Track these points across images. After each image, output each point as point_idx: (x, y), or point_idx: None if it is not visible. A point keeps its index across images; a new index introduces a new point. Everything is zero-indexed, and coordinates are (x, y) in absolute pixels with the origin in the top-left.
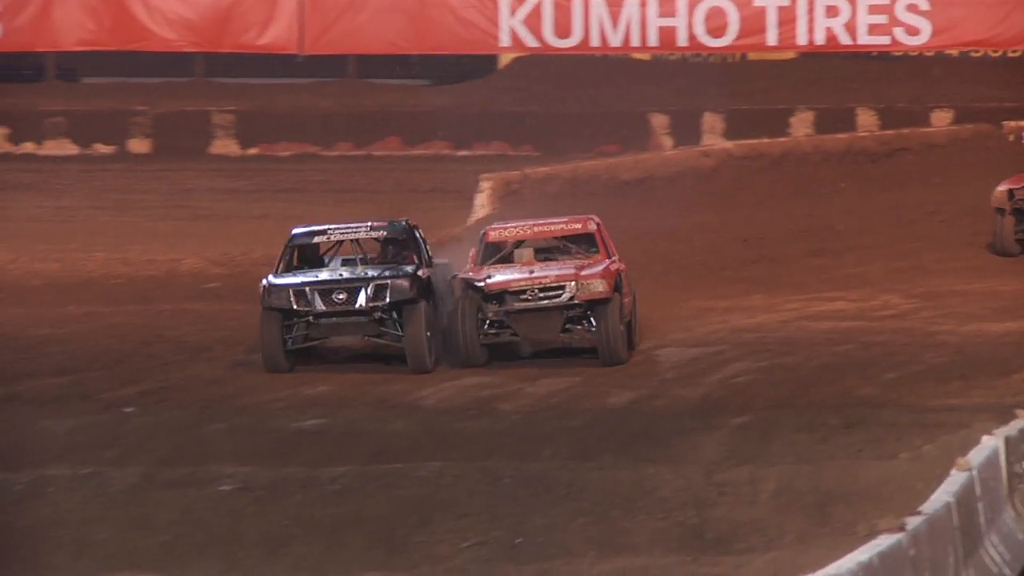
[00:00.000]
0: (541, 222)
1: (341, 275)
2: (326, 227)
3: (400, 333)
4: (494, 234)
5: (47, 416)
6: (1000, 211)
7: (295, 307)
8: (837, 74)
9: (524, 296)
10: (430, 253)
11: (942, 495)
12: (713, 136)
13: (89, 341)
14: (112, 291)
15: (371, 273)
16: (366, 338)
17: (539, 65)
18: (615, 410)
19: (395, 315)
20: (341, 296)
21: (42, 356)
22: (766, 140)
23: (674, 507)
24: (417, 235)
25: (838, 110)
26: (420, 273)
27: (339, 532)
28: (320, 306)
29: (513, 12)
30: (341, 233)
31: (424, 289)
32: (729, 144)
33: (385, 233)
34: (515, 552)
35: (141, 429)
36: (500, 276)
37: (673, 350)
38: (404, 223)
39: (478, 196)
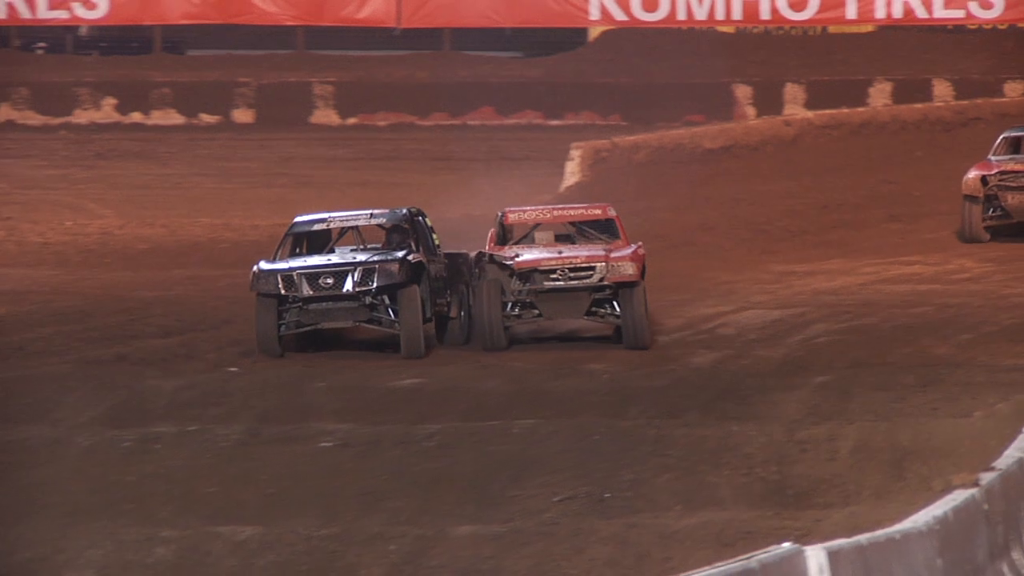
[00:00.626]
0: (560, 207)
1: (329, 260)
2: (327, 215)
3: (394, 318)
4: (513, 216)
5: (154, 376)
6: (971, 198)
7: (283, 292)
8: (913, 47)
9: (554, 276)
10: (438, 241)
11: (1015, 451)
12: (794, 106)
13: (195, 303)
14: (217, 255)
15: (360, 258)
16: (358, 324)
17: (627, 38)
18: (700, 370)
19: (387, 300)
20: (328, 281)
21: (150, 317)
22: (845, 110)
23: (757, 463)
24: (422, 222)
25: (914, 81)
26: (411, 257)
27: (434, 487)
28: (307, 291)
29: None
30: (341, 221)
31: (416, 273)
32: (810, 114)
33: (386, 221)
34: (604, 506)
35: (245, 388)
36: (529, 255)
37: (756, 312)
38: (406, 211)
39: (569, 164)
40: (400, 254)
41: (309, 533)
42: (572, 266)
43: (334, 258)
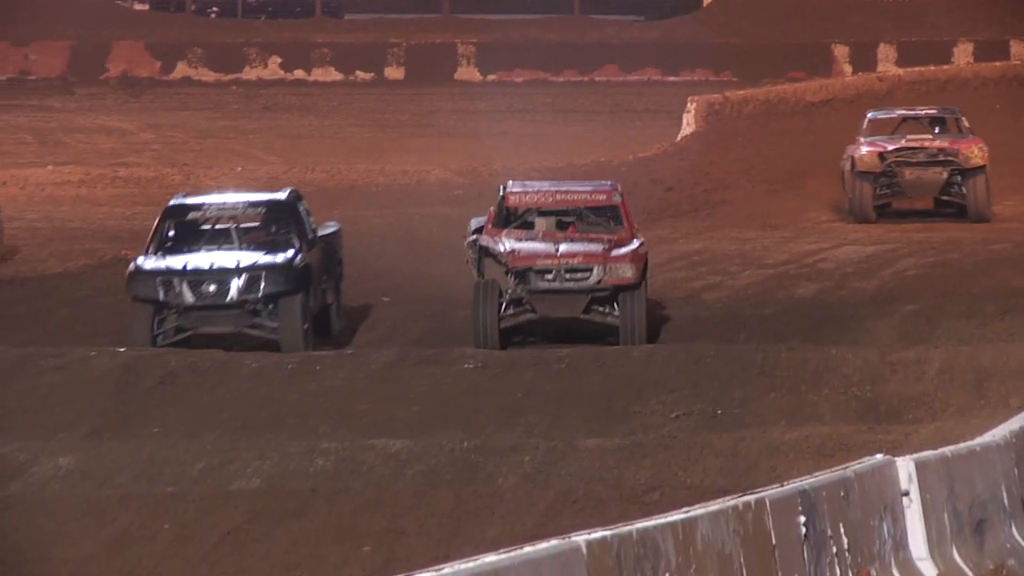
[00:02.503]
0: (564, 189)
1: (212, 265)
2: (203, 202)
3: (275, 324)
4: (514, 198)
5: None
6: (864, 175)
7: (162, 299)
8: (993, 10)
9: (549, 276)
10: (315, 226)
11: None
12: (887, 64)
13: (352, 240)
14: (371, 197)
15: (243, 263)
16: (240, 330)
17: (737, 3)
18: (803, 300)
19: (270, 305)
20: (211, 288)
21: None
22: (932, 67)
23: (853, 383)
24: (300, 209)
25: (994, 42)
26: (297, 261)
27: (564, 404)
28: (189, 298)
29: None
30: (218, 209)
31: (302, 278)
32: (900, 71)
33: (264, 211)
34: (716, 422)
35: (395, 316)
36: (524, 248)
37: (852, 248)
38: (286, 197)
39: (686, 116)
40: (287, 256)
41: (453, 445)
42: (568, 266)
43: (216, 259)
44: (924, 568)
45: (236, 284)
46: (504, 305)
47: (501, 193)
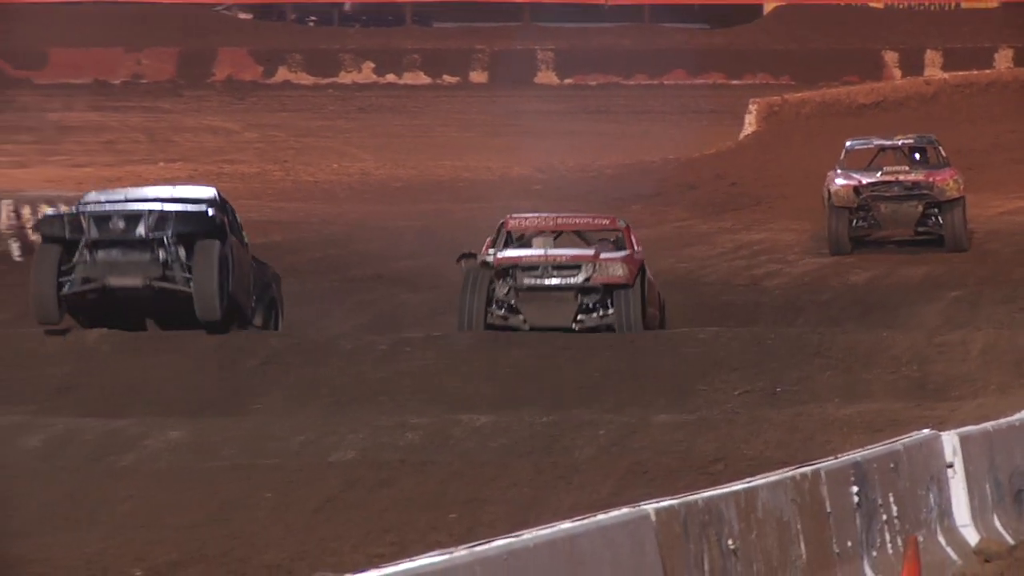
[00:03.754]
0: (565, 215)
1: (122, 202)
2: (114, 202)
3: (188, 275)
4: (514, 223)
5: (405, 291)
6: (840, 209)
7: (68, 236)
8: None
9: (535, 272)
10: (247, 240)
11: None
12: (933, 68)
13: (439, 232)
14: (457, 192)
15: (155, 206)
16: (149, 283)
17: (796, 12)
18: (856, 286)
19: (182, 255)
20: (119, 224)
21: (402, 243)
22: (975, 72)
23: (902, 363)
24: (227, 207)
25: None
26: (212, 213)
27: (637, 381)
28: (95, 233)
29: None
30: (134, 207)
31: (217, 229)
32: (945, 75)
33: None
34: (775, 399)
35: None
36: (512, 251)
37: (900, 239)
38: (208, 204)
39: (747, 116)
40: (202, 207)
41: (533, 420)
42: (556, 263)
43: (131, 205)
44: (967, 534)
45: (145, 221)
46: (495, 305)
47: (501, 221)
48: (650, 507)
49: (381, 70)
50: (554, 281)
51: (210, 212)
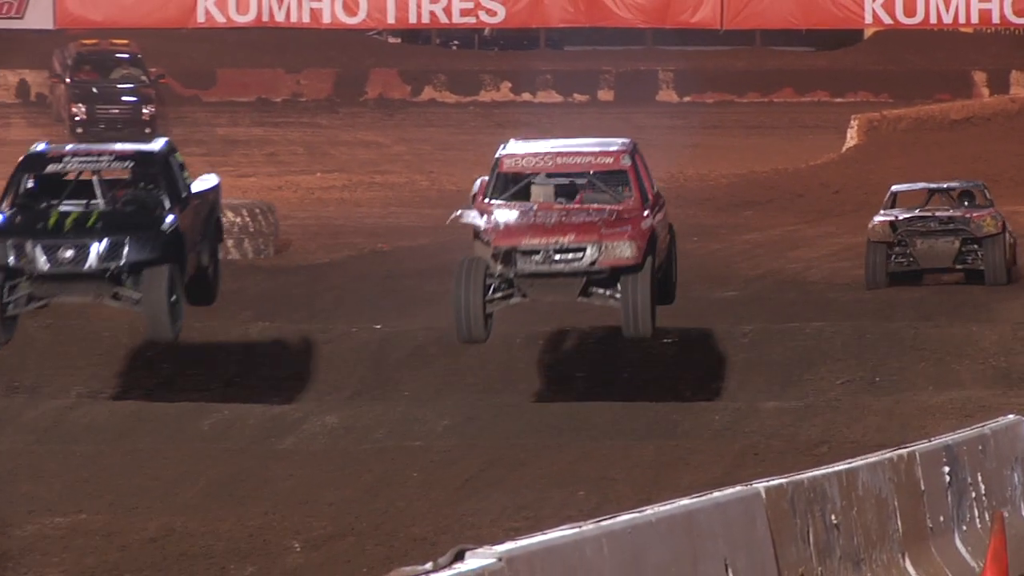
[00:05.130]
0: (565, 150)
1: (70, 227)
2: (64, 152)
3: (137, 296)
4: (509, 162)
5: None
6: (877, 244)
7: (14, 264)
8: None
9: (536, 257)
10: (189, 180)
11: None
12: (1018, 87)
13: None
14: None
15: (105, 226)
16: (99, 300)
17: (893, 36)
18: (948, 285)
19: (133, 275)
20: (68, 253)
21: None
22: None
23: (990, 355)
24: (173, 163)
25: None
26: (167, 225)
27: (748, 372)
28: (43, 265)
29: None
30: (80, 162)
31: (171, 245)
32: None
33: (132, 164)
34: (874, 387)
35: None
36: (510, 223)
37: None
38: (158, 149)
39: (849, 131)
40: (155, 220)
41: (655, 406)
42: (558, 246)
43: (75, 220)
44: None
45: (96, 250)
46: (491, 287)
47: (496, 155)
48: (760, 485)
49: (517, 89)
50: (558, 267)
51: (165, 227)
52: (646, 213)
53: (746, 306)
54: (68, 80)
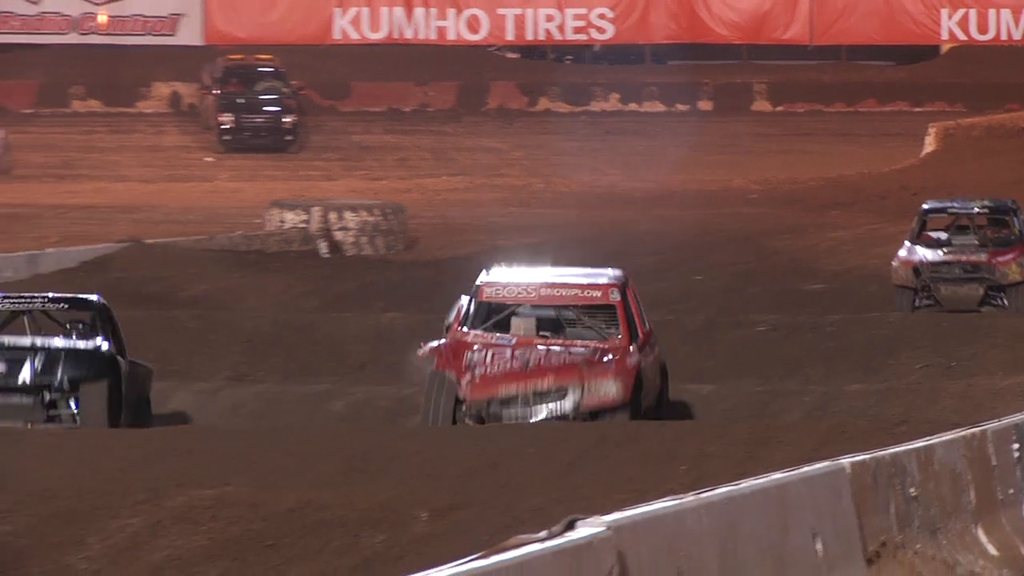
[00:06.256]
0: (550, 283)
1: (3, 343)
2: None
3: (75, 412)
4: (489, 291)
5: (640, 282)
6: (903, 288)
7: None
8: None
9: (514, 408)
10: (124, 342)
11: None
12: None
13: (672, 233)
14: (686, 200)
15: (40, 342)
16: (31, 426)
17: (967, 51)
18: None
19: (70, 394)
20: (0, 367)
21: (641, 242)
22: None
23: None
24: (114, 318)
25: None
26: (104, 347)
27: (835, 359)
28: None
29: (950, 15)
30: (12, 303)
31: (108, 366)
32: None
33: (69, 307)
34: (950, 372)
35: (704, 291)
36: (485, 368)
37: None
38: (97, 299)
39: (927, 138)
40: (92, 341)
41: (749, 389)
42: (537, 390)
43: (6, 338)
44: None
45: (31, 365)
46: (463, 410)
47: (477, 282)
48: (846, 461)
49: (625, 100)
50: (539, 416)
51: (102, 347)
52: (632, 349)
53: (832, 298)
54: (216, 92)
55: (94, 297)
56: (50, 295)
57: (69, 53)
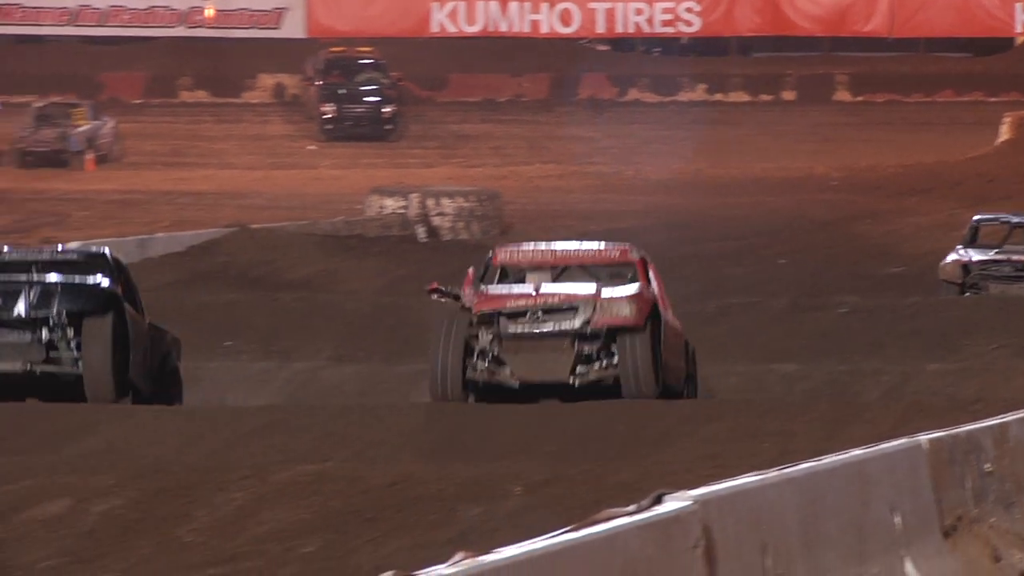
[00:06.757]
0: (565, 248)
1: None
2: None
3: (77, 355)
4: (503, 255)
5: (726, 266)
6: (950, 284)
7: None
8: None
9: (523, 319)
10: (145, 310)
11: None
12: None
13: (755, 218)
14: (770, 186)
15: (37, 277)
16: (30, 368)
17: None
18: None
19: (70, 333)
20: None
21: (726, 227)
22: None
23: None
24: (125, 271)
25: None
26: (104, 283)
27: (912, 339)
28: None
29: None
30: (19, 255)
31: (111, 301)
32: None
33: (78, 256)
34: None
35: (788, 276)
36: (493, 291)
37: None
38: (100, 270)
39: (1001, 127)
40: (95, 277)
41: (830, 369)
42: (547, 306)
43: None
44: None
45: (25, 297)
46: (476, 354)
47: (488, 256)
48: (923, 438)
49: (711, 90)
50: (546, 327)
51: (103, 283)
52: (650, 287)
53: (911, 281)
54: (319, 83)
55: (105, 250)
56: (59, 247)
57: (177, 46)
